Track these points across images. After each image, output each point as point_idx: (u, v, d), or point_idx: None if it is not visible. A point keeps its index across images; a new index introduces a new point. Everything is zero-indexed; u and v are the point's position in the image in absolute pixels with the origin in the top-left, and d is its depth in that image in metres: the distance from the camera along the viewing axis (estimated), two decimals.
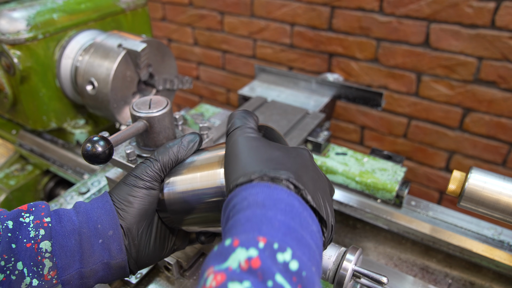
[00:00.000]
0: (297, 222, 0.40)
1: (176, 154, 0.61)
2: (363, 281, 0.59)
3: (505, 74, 1.46)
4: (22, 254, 0.49)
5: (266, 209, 0.40)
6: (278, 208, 0.40)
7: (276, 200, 0.42)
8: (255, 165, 0.46)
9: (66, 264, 0.52)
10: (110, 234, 0.54)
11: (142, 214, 0.58)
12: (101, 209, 0.56)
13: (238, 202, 0.43)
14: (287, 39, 1.90)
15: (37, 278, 0.50)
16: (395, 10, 1.56)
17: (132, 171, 0.60)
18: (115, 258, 0.55)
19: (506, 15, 1.37)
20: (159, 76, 1.14)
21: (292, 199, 0.43)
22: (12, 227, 0.51)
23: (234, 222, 0.41)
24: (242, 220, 0.40)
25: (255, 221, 0.39)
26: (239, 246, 0.36)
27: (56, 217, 0.54)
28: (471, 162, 1.69)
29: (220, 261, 0.36)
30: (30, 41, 1.05)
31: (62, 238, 0.52)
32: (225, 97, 2.32)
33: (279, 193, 0.43)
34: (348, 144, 1.99)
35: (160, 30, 2.34)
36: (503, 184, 0.64)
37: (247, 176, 0.45)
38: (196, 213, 0.59)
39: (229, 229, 0.40)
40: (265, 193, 0.42)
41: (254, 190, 0.43)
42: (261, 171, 0.45)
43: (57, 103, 1.18)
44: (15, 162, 1.42)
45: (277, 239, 0.37)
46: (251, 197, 0.42)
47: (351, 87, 1.25)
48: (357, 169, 1.00)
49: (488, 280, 0.91)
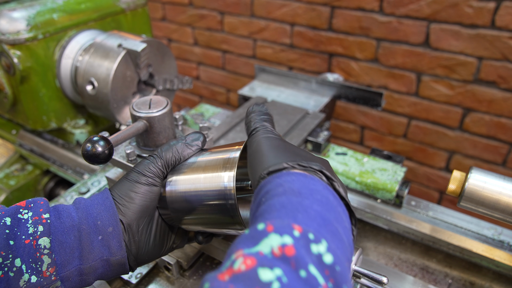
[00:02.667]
0: (332, 215, 0.39)
1: (180, 152, 0.61)
2: (363, 281, 0.59)
3: (505, 74, 1.46)
4: (20, 251, 0.49)
5: (303, 197, 0.39)
6: (314, 198, 0.39)
7: (312, 190, 0.41)
8: (285, 157, 0.46)
9: (65, 261, 0.51)
10: (109, 231, 0.54)
11: (143, 211, 0.58)
12: (101, 206, 0.55)
13: (272, 188, 0.42)
14: (287, 39, 1.90)
15: (35, 275, 0.49)
16: (395, 10, 1.56)
17: (134, 167, 0.60)
18: (114, 255, 0.55)
19: (506, 15, 1.37)
20: (159, 76, 1.14)
21: (328, 192, 0.42)
22: (10, 223, 0.50)
23: (267, 207, 0.39)
24: (277, 205, 0.39)
25: (290, 208, 0.38)
26: (273, 232, 0.35)
27: (55, 213, 0.53)
28: (471, 162, 1.69)
29: (251, 244, 0.34)
30: (30, 41, 1.05)
31: (61, 234, 0.52)
32: (225, 97, 2.32)
33: (316, 183, 0.42)
34: (348, 144, 1.99)
35: (160, 30, 2.34)
36: (503, 184, 0.64)
37: (279, 164, 0.45)
38: (197, 214, 0.59)
39: (262, 213, 0.39)
40: (301, 182, 0.41)
41: (289, 177, 0.42)
42: (294, 160, 0.45)
43: (57, 103, 1.18)
44: (15, 162, 1.42)
45: (313, 229, 0.36)
46: (287, 184, 0.41)
47: (351, 87, 1.25)
48: (357, 169, 1.00)
49: (488, 280, 0.91)
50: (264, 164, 0.46)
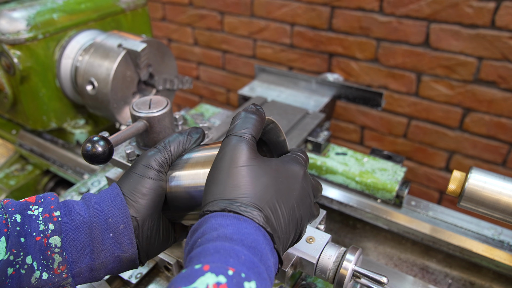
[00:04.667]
0: (259, 257, 0.43)
1: (184, 144, 0.61)
2: (363, 281, 0.59)
3: (505, 74, 1.46)
4: (31, 248, 0.49)
5: (234, 243, 0.43)
6: (244, 244, 0.43)
7: (243, 234, 0.44)
8: (234, 192, 0.48)
9: (76, 258, 0.51)
10: (121, 228, 0.54)
11: (154, 206, 0.57)
12: (112, 202, 0.55)
13: (207, 231, 0.45)
14: (287, 39, 1.90)
15: (47, 272, 0.49)
16: (395, 10, 1.56)
17: (140, 160, 0.59)
18: (126, 251, 0.54)
19: (506, 15, 1.37)
20: (159, 76, 1.14)
21: (259, 234, 0.45)
22: (20, 220, 0.50)
23: (202, 250, 0.42)
24: (211, 250, 0.42)
25: (223, 253, 0.41)
26: (209, 271, 0.38)
27: (66, 210, 0.53)
28: (471, 162, 1.69)
29: (187, 282, 0.37)
30: (30, 41, 1.05)
31: (72, 232, 0.51)
32: (225, 97, 2.32)
33: (248, 227, 0.45)
34: (348, 144, 1.99)
35: (160, 30, 2.34)
36: (503, 184, 0.64)
37: (220, 205, 0.47)
38: (196, 210, 0.58)
39: (197, 255, 0.42)
40: (234, 227, 0.45)
41: (224, 221, 0.45)
42: (235, 204, 0.47)
43: (57, 103, 1.18)
44: (15, 162, 1.43)
45: (243, 271, 0.40)
46: (221, 229, 0.44)
47: (351, 87, 1.25)
48: (357, 169, 1.00)
49: (488, 280, 0.91)
50: (210, 195, 0.49)
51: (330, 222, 1.08)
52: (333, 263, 0.61)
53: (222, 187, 0.49)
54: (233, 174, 0.49)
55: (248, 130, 0.52)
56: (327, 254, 0.61)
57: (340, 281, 0.59)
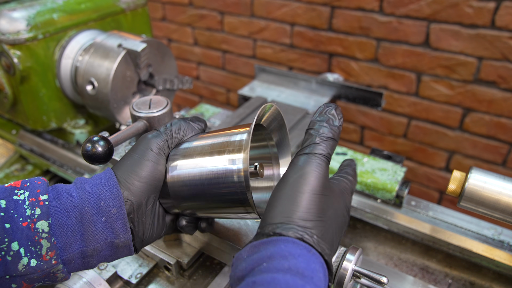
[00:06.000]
0: None
1: (186, 129, 0.60)
2: (363, 281, 0.59)
3: (505, 74, 1.46)
4: (18, 234, 0.47)
5: (305, 281, 0.42)
6: (313, 283, 0.42)
7: (313, 270, 0.43)
8: (309, 220, 0.47)
9: (66, 244, 0.49)
10: (113, 213, 0.51)
11: (151, 190, 0.55)
12: (104, 186, 0.52)
13: (275, 257, 0.43)
14: (287, 39, 1.90)
15: (35, 258, 0.47)
16: (395, 10, 1.56)
17: (139, 142, 0.57)
18: (119, 237, 0.52)
19: (506, 15, 1.37)
20: (159, 76, 1.14)
21: (321, 270, 0.45)
22: (5, 206, 0.48)
23: (272, 280, 0.41)
24: (282, 284, 0.40)
25: None
26: None
27: (55, 194, 0.51)
28: (471, 162, 1.69)
29: None
30: (30, 41, 1.05)
31: (61, 216, 0.49)
32: (225, 97, 2.32)
33: (315, 261, 0.45)
34: (348, 144, 1.99)
35: (160, 30, 2.34)
36: (503, 184, 0.64)
37: (296, 231, 0.46)
38: (201, 201, 0.57)
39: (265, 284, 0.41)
40: (305, 260, 0.44)
41: (295, 250, 0.44)
42: (310, 235, 0.46)
43: (57, 103, 1.18)
44: (15, 162, 1.42)
45: None
46: (292, 260, 0.43)
47: (351, 87, 1.25)
48: (357, 169, 1.00)
49: (488, 280, 0.91)
50: (284, 216, 0.47)
51: None
52: (333, 263, 0.61)
53: (298, 212, 0.47)
54: (305, 197, 0.48)
55: (326, 147, 0.51)
56: None
57: (340, 281, 0.59)
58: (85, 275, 0.70)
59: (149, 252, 0.77)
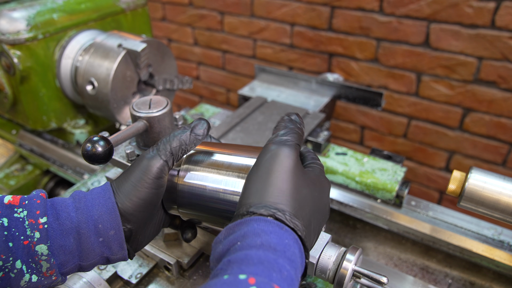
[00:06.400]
0: (294, 271, 0.44)
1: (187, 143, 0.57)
2: (363, 281, 0.59)
3: (505, 74, 1.46)
4: (19, 252, 0.48)
5: (277, 255, 0.43)
6: (286, 257, 0.43)
7: (285, 245, 0.44)
8: (281, 197, 0.48)
9: (64, 261, 0.51)
10: (111, 234, 0.52)
11: (150, 216, 0.56)
12: (103, 207, 0.52)
13: (249, 235, 0.44)
14: (287, 39, 1.90)
15: (36, 274, 0.49)
16: (395, 10, 1.56)
17: (138, 164, 0.55)
18: (115, 254, 0.54)
19: (506, 15, 1.37)
20: (159, 76, 1.14)
21: (295, 246, 0.45)
22: (7, 224, 0.49)
23: (245, 257, 0.42)
24: (255, 259, 0.41)
25: (267, 266, 0.41)
26: (255, 285, 0.38)
27: (53, 212, 0.51)
28: (471, 162, 1.69)
29: None
30: (30, 41, 1.05)
31: (60, 237, 0.50)
32: (225, 97, 2.32)
33: (288, 237, 0.45)
34: (348, 144, 1.99)
35: (160, 30, 2.34)
36: (503, 184, 0.64)
37: (268, 209, 0.47)
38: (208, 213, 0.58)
39: (239, 262, 0.42)
40: (277, 236, 0.44)
41: (267, 227, 0.45)
42: (282, 211, 0.47)
43: (57, 103, 1.18)
44: (15, 162, 1.43)
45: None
46: (264, 237, 0.44)
47: (351, 87, 1.25)
48: (357, 169, 1.00)
49: (488, 280, 0.91)
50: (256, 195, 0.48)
51: (330, 222, 1.08)
52: (333, 263, 0.61)
53: (266, 189, 0.48)
54: (278, 178, 0.49)
55: (294, 138, 0.53)
56: (327, 254, 0.61)
57: (340, 281, 0.59)
58: (85, 275, 0.70)
59: (149, 252, 0.77)
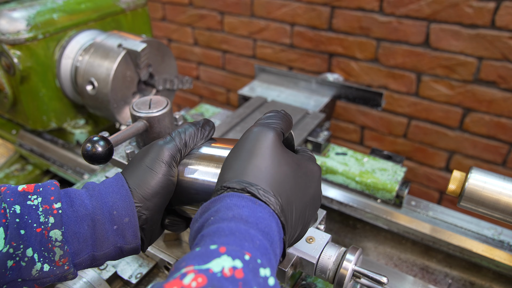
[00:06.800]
0: (270, 244, 0.43)
1: (197, 138, 0.59)
2: (363, 281, 0.60)
3: (505, 74, 1.46)
4: (32, 240, 0.48)
5: (249, 226, 0.42)
6: (259, 228, 0.43)
7: (258, 218, 0.44)
8: (256, 172, 0.47)
9: (78, 250, 0.50)
10: (126, 221, 0.52)
11: (163, 203, 0.56)
12: (117, 194, 0.52)
13: (221, 210, 0.44)
14: (287, 39, 1.90)
15: (48, 263, 0.48)
16: (395, 10, 1.56)
17: (151, 150, 0.56)
18: (129, 243, 0.53)
19: (506, 15, 1.37)
20: (159, 76, 1.14)
21: (272, 220, 0.45)
22: (20, 211, 0.48)
23: (217, 230, 0.42)
24: (226, 230, 0.41)
25: (239, 236, 0.41)
26: (225, 253, 0.38)
27: (67, 200, 0.51)
28: (471, 162, 1.69)
29: (201, 262, 0.37)
30: (30, 41, 1.05)
31: (74, 224, 0.50)
32: (225, 97, 2.32)
33: (262, 211, 0.45)
34: (348, 144, 1.99)
35: (160, 30, 2.34)
36: (503, 184, 0.64)
37: (239, 184, 0.47)
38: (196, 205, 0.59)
39: (211, 234, 0.42)
40: (249, 209, 0.44)
41: (239, 202, 0.45)
42: (255, 186, 0.46)
43: (57, 103, 1.18)
44: (15, 162, 1.43)
45: (259, 258, 0.40)
46: (236, 210, 0.44)
47: (351, 87, 1.25)
48: (357, 169, 1.00)
49: (488, 280, 0.91)
50: (231, 172, 0.48)
51: (330, 222, 1.08)
52: (333, 263, 0.61)
53: (243, 166, 0.48)
54: (256, 155, 0.49)
55: (278, 123, 0.53)
56: (327, 254, 0.61)
57: (340, 281, 0.59)
58: (85, 275, 0.70)
59: (149, 252, 0.77)
